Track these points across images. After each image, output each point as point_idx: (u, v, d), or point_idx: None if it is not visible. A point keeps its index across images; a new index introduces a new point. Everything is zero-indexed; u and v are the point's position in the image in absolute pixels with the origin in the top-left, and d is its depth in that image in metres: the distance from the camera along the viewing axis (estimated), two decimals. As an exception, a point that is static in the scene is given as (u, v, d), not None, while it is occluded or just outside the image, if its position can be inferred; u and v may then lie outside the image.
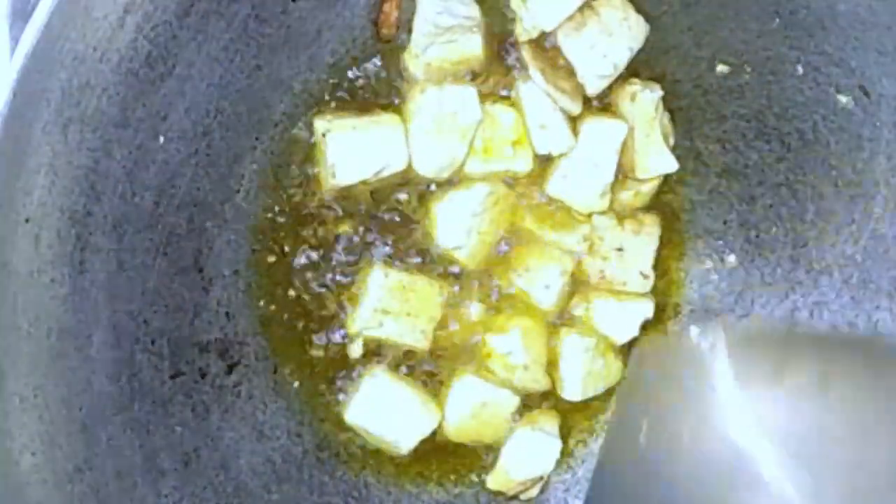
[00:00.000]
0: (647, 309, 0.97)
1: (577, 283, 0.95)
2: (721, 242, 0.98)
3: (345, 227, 0.91)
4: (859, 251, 0.95)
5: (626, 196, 0.94)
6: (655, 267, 0.97)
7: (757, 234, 0.96)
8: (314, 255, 0.90)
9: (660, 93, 0.91)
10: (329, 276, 0.91)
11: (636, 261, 0.96)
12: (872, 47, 0.89)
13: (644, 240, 0.96)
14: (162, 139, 0.84)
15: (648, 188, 0.95)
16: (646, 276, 0.96)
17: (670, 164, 0.92)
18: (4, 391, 0.78)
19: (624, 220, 0.95)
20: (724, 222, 0.97)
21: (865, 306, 0.95)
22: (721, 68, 0.93)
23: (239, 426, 0.90)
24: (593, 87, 0.90)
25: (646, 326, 0.97)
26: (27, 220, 0.77)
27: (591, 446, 0.99)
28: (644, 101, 0.90)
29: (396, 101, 0.89)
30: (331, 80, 0.88)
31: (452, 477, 0.96)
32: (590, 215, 0.93)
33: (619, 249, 0.95)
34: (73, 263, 0.82)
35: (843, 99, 0.91)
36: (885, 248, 0.94)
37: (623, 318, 0.96)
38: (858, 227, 0.94)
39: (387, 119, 0.88)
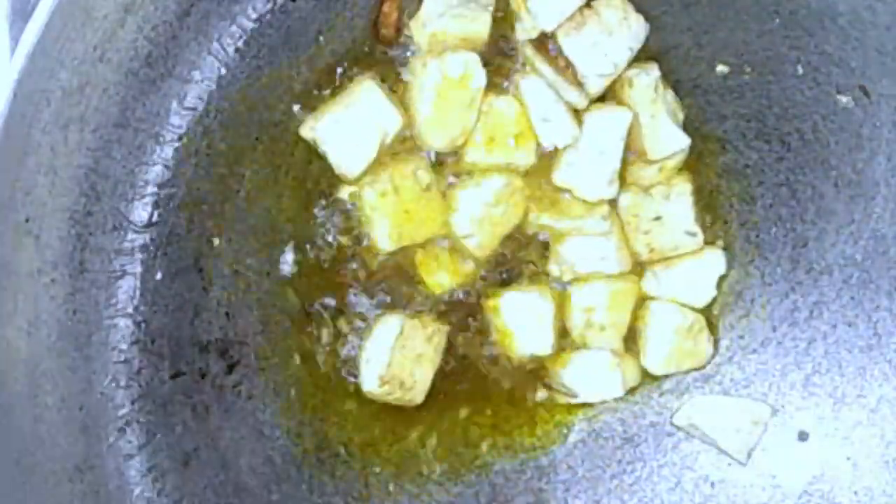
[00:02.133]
0: (718, 260, 0.95)
1: (633, 265, 0.95)
2: (721, 242, 0.97)
3: (347, 227, 0.91)
4: (859, 251, 0.95)
5: (651, 173, 0.93)
6: (701, 220, 0.95)
7: (757, 234, 0.96)
8: (318, 254, 0.91)
9: (657, 73, 0.90)
10: (328, 276, 0.91)
11: (678, 223, 0.94)
12: (872, 47, 0.89)
13: (678, 200, 0.94)
14: (163, 139, 0.85)
15: (673, 162, 0.94)
16: (693, 234, 0.94)
17: (681, 141, 0.91)
18: (4, 390, 0.78)
19: (651, 190, 0.93)
20: (725, 222, 0.97)
21: (865, 306, 0.95)
22: (721, 68, 0.93)
23: (239, 426, 0.90)
24: (594, 86, 0.90)
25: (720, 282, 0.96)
26: (27, 220, 0.77)
27: (591, 446, 0.99)
28: (641, 84, 0.90)
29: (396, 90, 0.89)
30: (330, 80, 0.88)
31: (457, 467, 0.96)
32: (600, 203, 0.92)
33: (657, 218, 0.94)
34: (73, 263, 0.82)
35: (843, 99, 0.91)
36: (884, 248, 0.94)
37: (694, 279, 0.95)
38: (858, 227, 0.94)
39: (358, 88, 0.87)
